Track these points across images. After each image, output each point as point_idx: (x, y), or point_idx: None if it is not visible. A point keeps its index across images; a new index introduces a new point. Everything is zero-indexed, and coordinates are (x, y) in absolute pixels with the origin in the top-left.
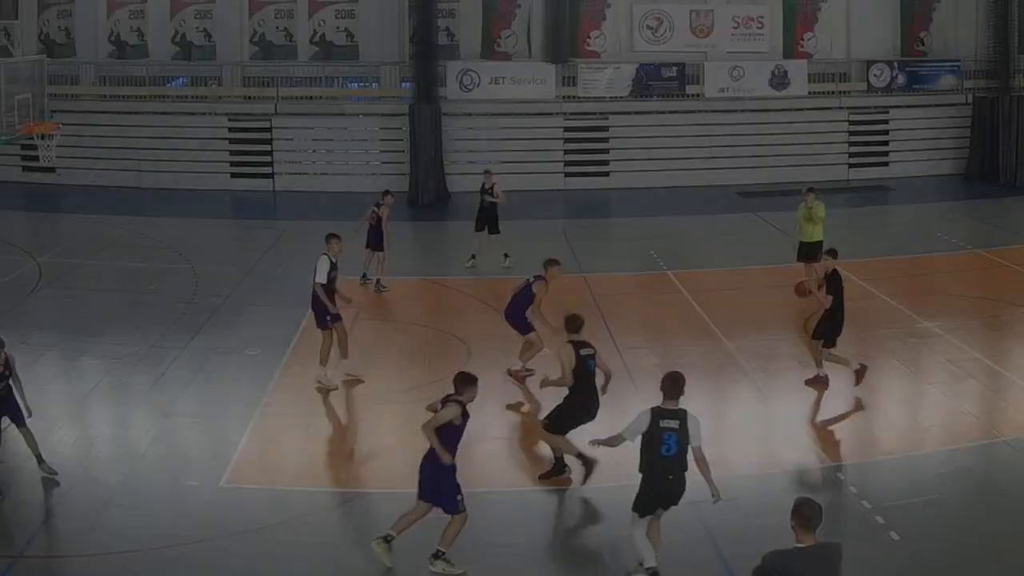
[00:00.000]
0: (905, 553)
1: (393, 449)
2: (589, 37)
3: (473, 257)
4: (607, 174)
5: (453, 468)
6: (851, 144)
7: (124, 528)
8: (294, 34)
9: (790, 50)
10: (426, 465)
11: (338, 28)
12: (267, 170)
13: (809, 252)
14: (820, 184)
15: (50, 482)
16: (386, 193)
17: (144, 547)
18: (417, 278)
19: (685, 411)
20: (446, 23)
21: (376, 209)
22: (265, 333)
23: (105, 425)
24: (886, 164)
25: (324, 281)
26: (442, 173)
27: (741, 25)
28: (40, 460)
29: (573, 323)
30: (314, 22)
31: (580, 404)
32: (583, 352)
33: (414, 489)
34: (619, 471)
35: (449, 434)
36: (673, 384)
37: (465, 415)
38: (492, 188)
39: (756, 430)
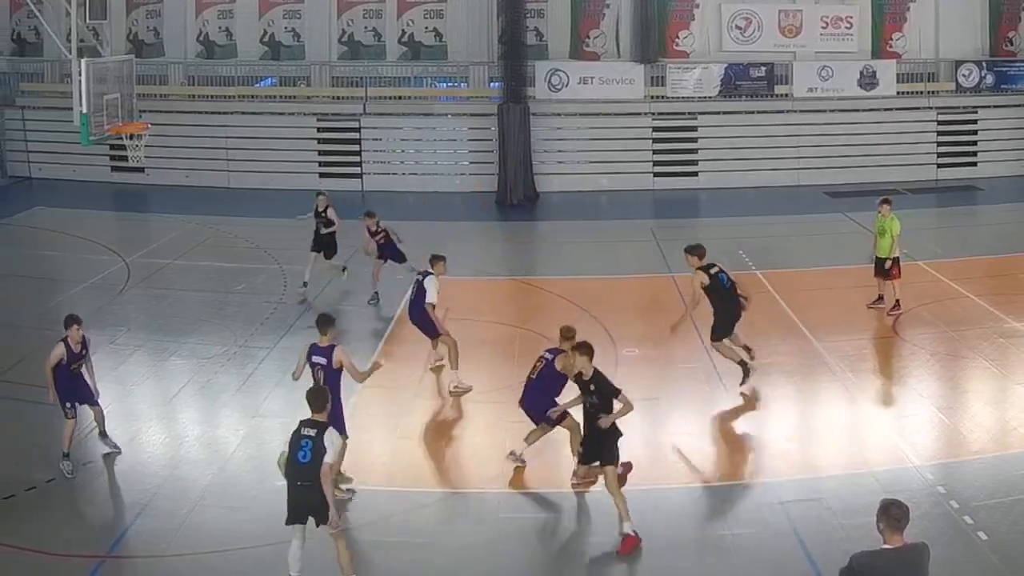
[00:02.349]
0: (993, 553)
1: (482, 449)
2: (678, 37)
3: (305, 285)
4: (695, 174)
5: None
6: (939, 144)
7: (213, 528)
8: (383, 34)
9: (878, 50)
10: None
11: (427, 28)
12: (356, 170)
13: (880, 268)
14: (909, 184)
15: (139, 481)
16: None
17: (233, 547)
18: (506, 278)
19: (326, 424)
20: (535, 23)
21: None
22: (354, 333)
23: (194, 425)
24: (975, 164)
25: (434, 302)
26: (530, 173)
27: (830, 25)
28: (103, 435)
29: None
30: (403, 22)
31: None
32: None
33: (505, 489)
34: (706, 470)
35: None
36: (316, 397)
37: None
38: (326, 211)
39: (844, 431)
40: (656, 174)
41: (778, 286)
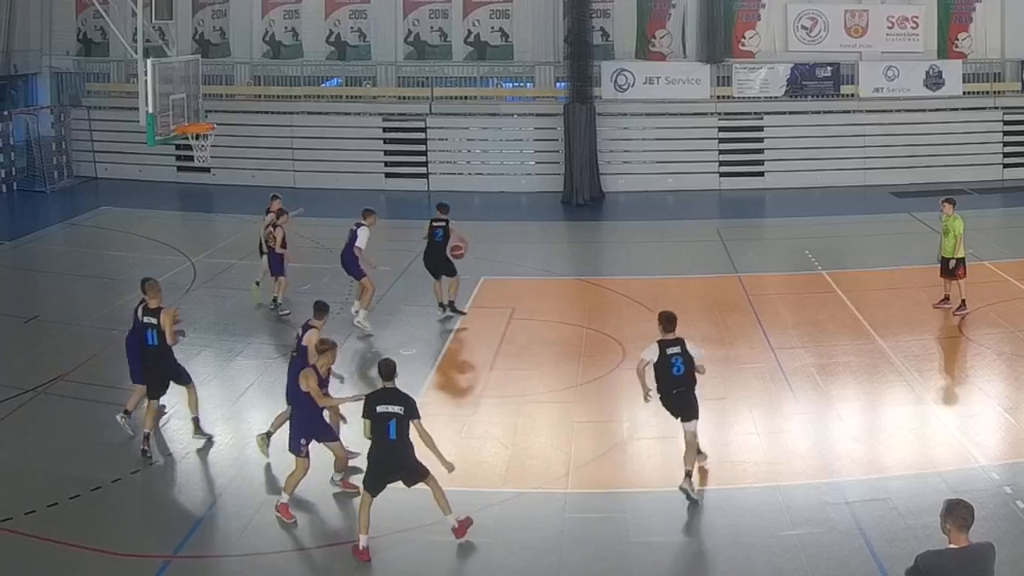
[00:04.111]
0: None
1: (547, 449)
2: (744, 37)
3: (257, 283)
4: (762, 174)
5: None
6: (1006, 144)
7: (278, 529)
8: (448, 34)
9: (944, 50)
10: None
11: (492, 28)
12: (421, 170)
13: (945, 268)
14: (975, 184)
15: (205, 482)
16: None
17: (297, 547)
18: (572, 278)
19: (683, 340)
20: (600, 23)
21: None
22: (419, 333)
23: (260, 425)
24: None
25: (362, 247)
26: (596, 173)
27: (896, 25)
28: (127, 413)
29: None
30: (468, 22)
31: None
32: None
33: (569, 489)
34: (772, 470)
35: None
36: (668, 321)
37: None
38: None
39: (910, 430)
40: (722, 174)
41: (844, 286)
